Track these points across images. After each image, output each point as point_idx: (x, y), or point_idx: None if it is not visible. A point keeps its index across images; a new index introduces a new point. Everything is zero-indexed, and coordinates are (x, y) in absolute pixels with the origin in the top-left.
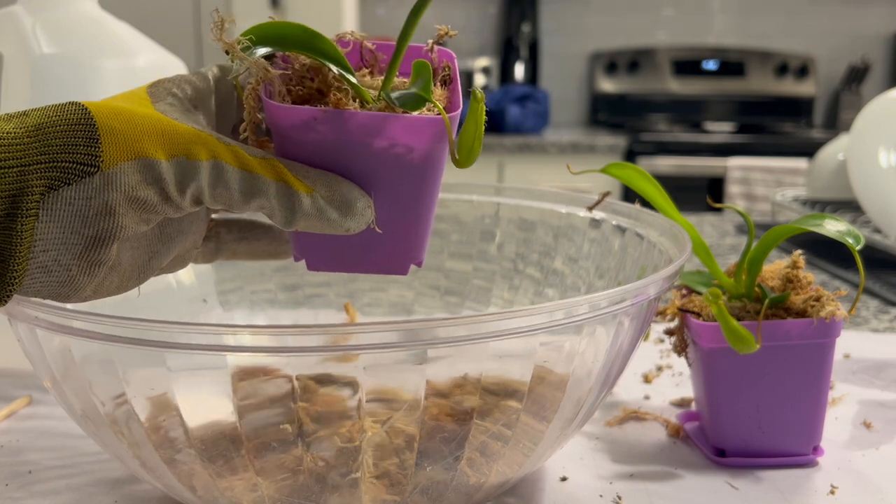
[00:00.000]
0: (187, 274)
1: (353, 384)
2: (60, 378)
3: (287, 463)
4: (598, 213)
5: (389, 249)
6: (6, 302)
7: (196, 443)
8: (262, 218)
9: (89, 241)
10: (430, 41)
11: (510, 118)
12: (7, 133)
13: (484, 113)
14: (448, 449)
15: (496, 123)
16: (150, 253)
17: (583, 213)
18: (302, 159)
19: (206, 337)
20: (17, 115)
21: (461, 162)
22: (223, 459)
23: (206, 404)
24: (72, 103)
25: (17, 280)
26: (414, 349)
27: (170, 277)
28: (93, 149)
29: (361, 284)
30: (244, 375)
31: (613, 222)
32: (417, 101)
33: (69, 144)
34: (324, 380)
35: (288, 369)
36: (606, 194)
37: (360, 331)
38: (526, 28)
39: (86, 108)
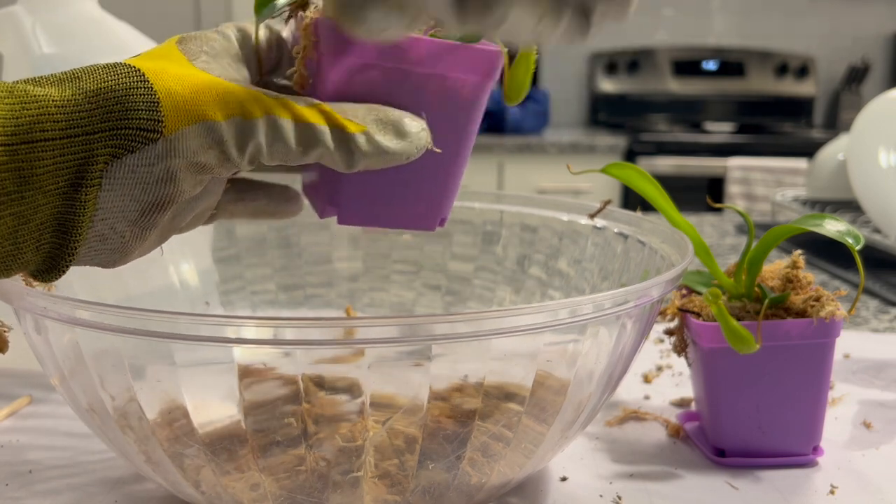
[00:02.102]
0: (190, 275)
1: (354, 387)
2: (68, 373)
3: (289, 462)
4: (599, 221)
5: (423, 200)
6: (62, 273)
7: (203, 438)
8: (259, 177)
9: (147, 206)
10: None
11: (510, 118)
12: (67, 100)
13: (534, 56)
14: (450, 448)
15: (496, 123)
16: (174, 212)
17: (584, 220)
18: (351, 95)
19: (212, 328)
20: (69, 79)
21: (512, 98)
22: (227, 454)
23: (212, 401)
24: (122, 65)
25: (75, 250)
26: (418, 344)
27: (174, 278)
28: (154, 113)
29: (361, 284)
30: (249, 374)
31: (615, 230)
32: (475, 37)
33: (130, 110)
34: (325, 383)
35: (291, 367)
36: (608, 202)
37: (366, 324)
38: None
39: (139, 71)
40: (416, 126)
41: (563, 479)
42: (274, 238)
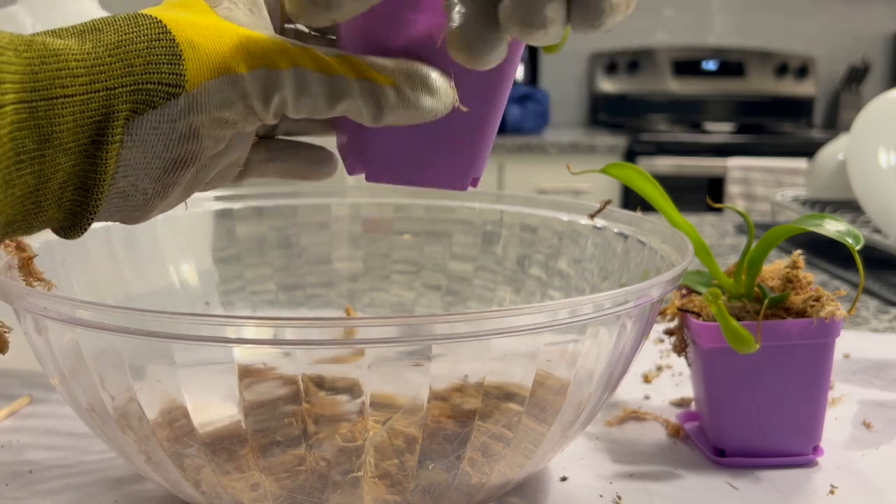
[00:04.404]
0: (190, 275)
1: (354, 387)
2: (68, 373)
3: (289, 462)
4: (599, 221)
5: (456, 158)
6: (84, 232)
7: (203, 438)
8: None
9: (170, 163)
10: None
11: (510, 118)
12: (87, 53)
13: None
14: (450, 448)
15: None
16: (199, 167)
17: (584, 220)
18: (376, 51)
19: (212, 328)
20: (89, 31)
21: (548, 47)
22: (227, 454)
23: (212, 401)
24: (144, 16)
25: (98, 208)
26: (418, 344)
27: (174, 278)
28: (176, 67)
29: (361, 284)
30: (249, 374)
31: (615, 230)
32: None
33: (152, 63)
34: (325, 383)
35: (291, 367)
36: (608, 202)
37: (366, 324)
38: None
39: (161, 22)
40: (444, 83)
41: (563, 479)
42: (274, 238)
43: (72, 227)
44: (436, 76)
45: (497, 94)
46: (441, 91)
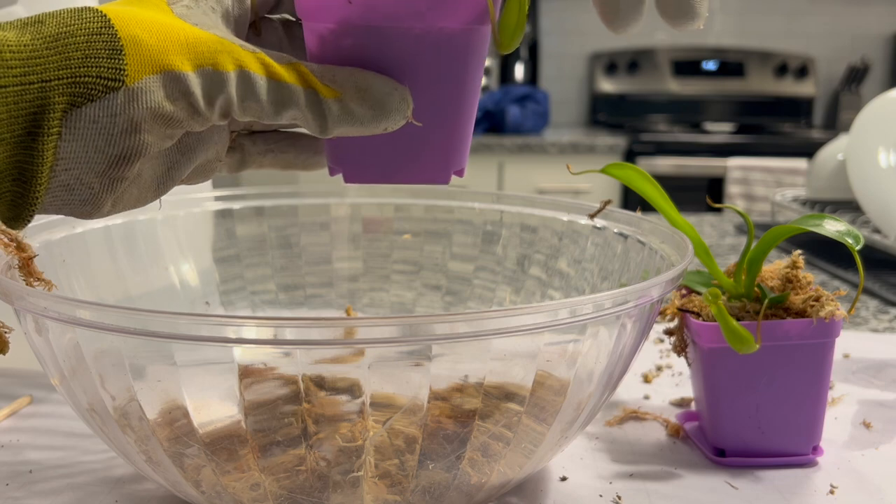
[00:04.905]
0: (190, 275)
1: (354, 387)
2: (69, 373)
3: (289, 462)
4: (599, 221)
5: (431, 153)
6: (28, 222)
7: (204, 438)
8: (289, 128)
9: (113, 159)
10: None
11: (510, 118)
12: (24, 45)
13: None
14: (450, 448)
15: (496, 124)
16: (169, 164)
17: (584, 220)
18: (335, 57)
19: (212, 328)
20: (31, 23)
21: (504, 45)
22: (227, 454)
23: (212, 401)
24: (89, 9)
25: (38, 199)
26: (418, 344)
27: (174, 278)
28: (116, 62)
29: (361, 284)
30: (249, 374)
31: (615, 230)
32: None
33: (90, 57)
34: (325, 384)
35: (291, 367)
36: (608, 203)
37: (366, 324)
38: (526, 28)
39: (105, 16)
40: (396, 98)
41: (563, 479)
42: (274, 238)
43: (14, 217)
44: (389, 91)
45: (467, 88)
46: (391, 106)
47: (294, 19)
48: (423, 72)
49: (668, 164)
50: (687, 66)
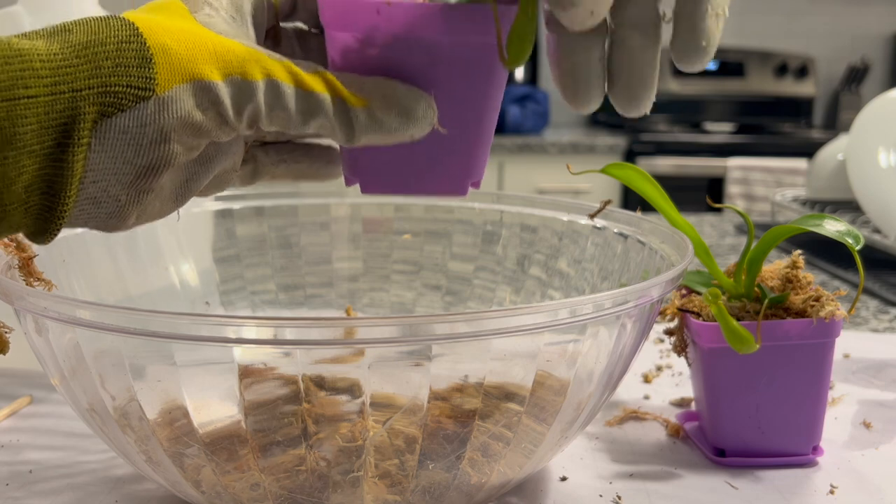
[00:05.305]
0: (190, 275)
1: (354, 387)
2: (69, 373)
3: (289, 462)
4: (599, 221)
5: (450, 164)
6: (54, 237)
7: (203, 438)
8: (301, 139)
9: (141, 170)
10: None
11: (510, 118)
12: (54, 54)
13: (536, 9)
14: (450, 448)
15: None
16: (188, 175)
17: (584, 220)
18: (359, 66)
19: (212, 328)
20: (59, 32)
21: (510, 61)
22: (227, 454)
23: (212, 401)
24: (117, 18)
25: (66, 213)
26: (418, 344)
27: (174, 278)
28: (146, 70)
29: (361, 284)
30: (249, 374)
31: (615, 230)
32: None
33: (121, 66)
34: (325, 384)
35: (291, 367)
36: (608, 203)
37: (366, 324)
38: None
39: (133, 24)
40: (422, 105)
41: (563, 479)
42: (274, 238)
43: (41, 232)
44: (416, 98)
45: (488, 100)
46: (418, 114)
47: (307, 28)
48: (447, 83)
49: (668, 164)
50: None
